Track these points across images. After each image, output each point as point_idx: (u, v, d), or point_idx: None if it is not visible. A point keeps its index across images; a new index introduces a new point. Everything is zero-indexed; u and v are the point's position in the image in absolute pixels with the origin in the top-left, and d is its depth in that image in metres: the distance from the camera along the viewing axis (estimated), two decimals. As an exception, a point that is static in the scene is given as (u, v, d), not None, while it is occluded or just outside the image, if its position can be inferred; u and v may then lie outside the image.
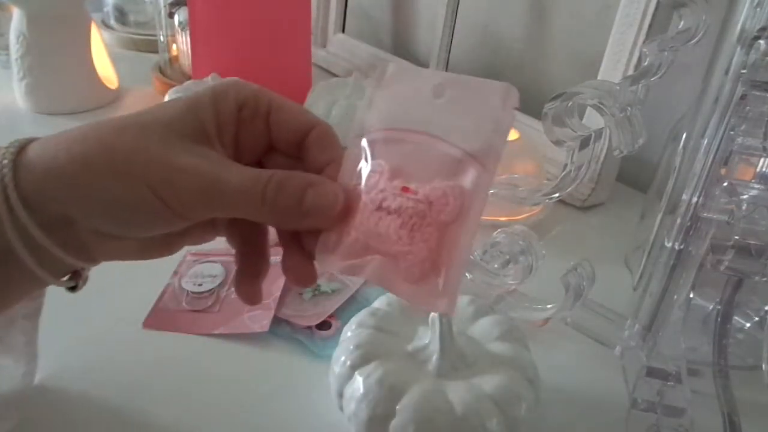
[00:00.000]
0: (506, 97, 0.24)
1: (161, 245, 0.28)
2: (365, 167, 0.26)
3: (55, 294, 0.28)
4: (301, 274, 0.27)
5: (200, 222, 0.27)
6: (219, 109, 0.27)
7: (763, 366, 0.36)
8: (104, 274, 0.39)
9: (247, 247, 0.30)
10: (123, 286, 0.48)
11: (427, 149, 0.25)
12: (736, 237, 0.35)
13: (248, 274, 0.29)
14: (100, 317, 0.45)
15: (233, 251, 0.30)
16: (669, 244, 0.40)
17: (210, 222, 0.29)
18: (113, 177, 0.24)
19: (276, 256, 0.28)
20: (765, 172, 0.37)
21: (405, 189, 0.25)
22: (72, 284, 0.28)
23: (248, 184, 0.25)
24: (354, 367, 0.35)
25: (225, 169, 0.25)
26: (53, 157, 0.24)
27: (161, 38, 0.85)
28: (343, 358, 0.36)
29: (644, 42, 0.55)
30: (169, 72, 0.86)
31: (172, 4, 0.82)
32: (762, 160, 0.37)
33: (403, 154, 0.25)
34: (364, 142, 0.26)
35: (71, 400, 0.39)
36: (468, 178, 0.24)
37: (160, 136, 0.25)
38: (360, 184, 0.26)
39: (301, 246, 0.27)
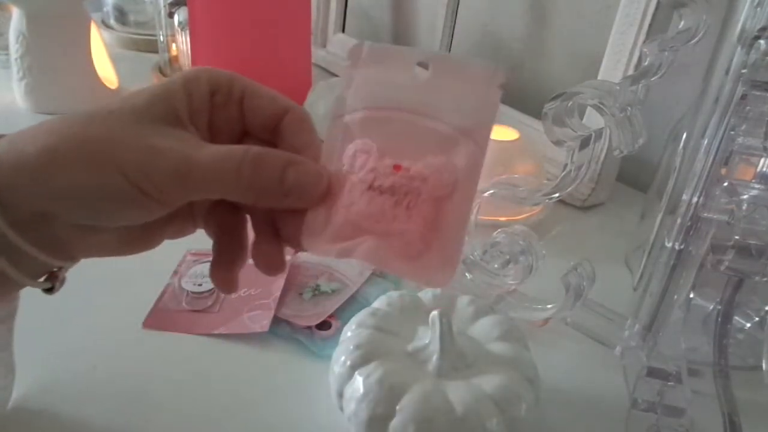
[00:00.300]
0: (492, 75, 0.25)
1: (141, 239, 0.28)
2: (350, 147, 0.26)
3: (53, 297, 0.28)
4: (272, 261, 0.27)
5: (179, 212, 0.27)
6: (191, 94, 0.26)
7: (764, 366, 0.36)
8: (103, 275, 0.39)
9: (225, 236, 0.29)
10: (122, 286, 0.48)
11: (416, 127, 0.25)
12: (737, 237, 0.35)
13: (224, 261, 0.29)
14: (99, 317, 0.45)
15: None
16: (669, 244, 0.40)
17: (188, 212, 0.29)
18: (85, 166, 0.23)
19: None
20: (765, 172, 0.37)
21: (397, 167, 0.25)
22: (48, 286, 0.27)
23: (222, 160, 0.24)
24: (354, 367, 0.35)
25: (197, 147, 0.25)
26: (20, 152, 0.23)
27: (161, 38, 0.85)
28: (343, 358, 0.36)
29: (644, 42, 0.55)
30: (169, 72, 0.86)
31: (172, 4, 0.82)
32: (762, 160, 0.37)
33: (391, 133, 0.25)
34: (347, 122, 0.26)
35: (66, 400, 0.39)
36: (460, 154, 0.24)
37: (130, 122, 0.24)
38: (345, 164, 0.26)
39: (275, 232, 0.27)
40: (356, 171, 0.25)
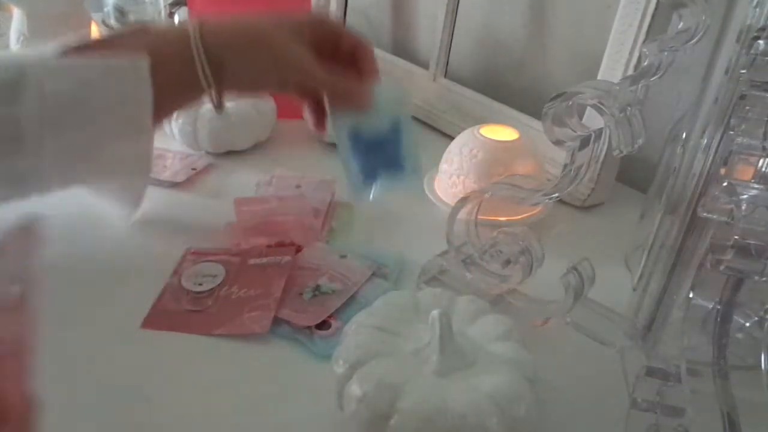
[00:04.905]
0: (23, 240, 0.19)
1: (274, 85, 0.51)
2: None
3: (53, 297, 0.28)
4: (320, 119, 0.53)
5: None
6: (314, 31, 0.48)
7: (763, 366, 0.36)
8: (103, 274, 0.39)
9: (315, 104, 0.52)
10: (122, 286, 0.48)
11: None
12: (736, 237, 0.35)
13: (318, 114, 0.52)
14: (99, 317, 0.45)
15: (233, 251, 0.29)
16: (669, 244, 0.40)
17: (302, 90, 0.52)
18: (254, 49, 0.46)
19: (272, 256, 0.27)
20: (765, 171, 0.37)
21: None
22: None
23: (325, 75, 0.47)
24: (354, 367, 0.35)
25: (315, 64, 0.46)
26: (218, 33, 0.46)
27: (161, 38, 0.85)
28: (343, 358, 0.36)
29: (644, 42, 0.56)
30: (169, 72, 0.86)
31: (172, 4, 0.82)
32: (762, 160, 0.37)
33: None
34: None
35: (65, 399, 0.39)
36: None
37: (285, 32, 0.46)
38: None
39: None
40: None
